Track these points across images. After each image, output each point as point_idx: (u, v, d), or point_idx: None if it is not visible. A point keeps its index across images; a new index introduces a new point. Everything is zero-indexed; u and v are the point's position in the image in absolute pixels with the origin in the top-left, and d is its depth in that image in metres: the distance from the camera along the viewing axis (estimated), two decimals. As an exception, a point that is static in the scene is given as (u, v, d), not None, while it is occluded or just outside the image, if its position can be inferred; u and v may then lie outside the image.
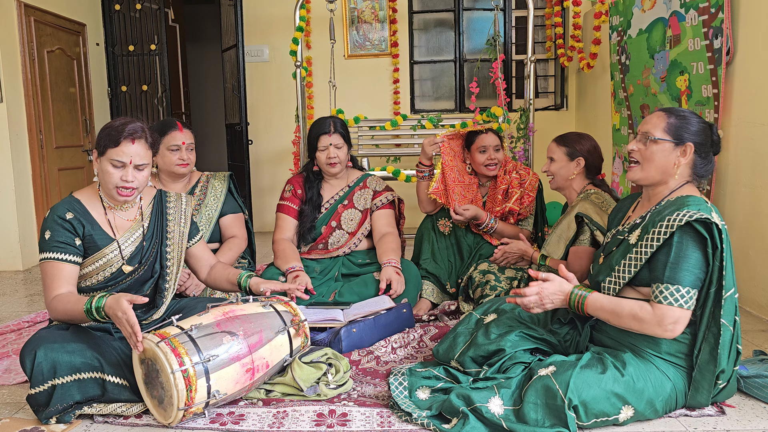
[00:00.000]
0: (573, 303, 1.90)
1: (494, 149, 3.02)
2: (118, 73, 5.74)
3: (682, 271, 1.73)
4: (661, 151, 1.86)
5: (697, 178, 1.90)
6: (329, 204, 3.01)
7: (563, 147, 2.58)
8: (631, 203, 2.09)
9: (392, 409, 1.93)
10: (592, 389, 1.73)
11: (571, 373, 1.75)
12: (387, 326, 2.52)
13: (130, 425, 1.89)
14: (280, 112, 5.80)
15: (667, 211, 1.79)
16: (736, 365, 1.86)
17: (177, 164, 2.75)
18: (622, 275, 1.86)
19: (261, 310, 2.02)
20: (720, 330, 1.76)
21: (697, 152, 1.86)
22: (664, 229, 1.76)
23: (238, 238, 2.88)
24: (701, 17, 3.08)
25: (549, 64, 5.95)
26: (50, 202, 4.70)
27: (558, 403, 1.70)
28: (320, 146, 2.92)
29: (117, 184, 2.02)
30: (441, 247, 3.05)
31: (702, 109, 3.15)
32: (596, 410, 1.73)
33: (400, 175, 4.42)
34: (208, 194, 2.87)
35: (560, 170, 2.59)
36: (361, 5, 5.73)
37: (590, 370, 1.77)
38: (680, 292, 1.73)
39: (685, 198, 1.81)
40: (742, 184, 2.99)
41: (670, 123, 1.86)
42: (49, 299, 1.98)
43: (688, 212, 1.73)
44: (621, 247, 1.92)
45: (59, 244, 2.00)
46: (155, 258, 2.17)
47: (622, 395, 1.75)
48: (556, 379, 1.74)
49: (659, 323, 1.74)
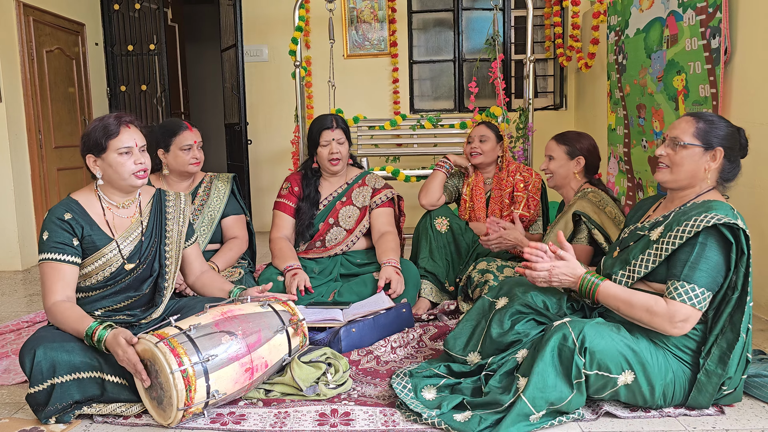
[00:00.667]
0: (584, 288, 1.91)
1: (479, 139, 3.09)
2: (117, 73, 5.74)
3: (700, 271, 1.74)
4: (691, 156, 1.86)
5: (723, 183, 1.90)
6: (327, 201, 3.01)
7: (563, 146, 2.58)
8: (652, 203, 2.09)
9: (399, 409, 1.93)
10: (604, 340, 1.76)
11: (586, 322, 1.79)
12: (386, 326, 2.52)
13: (130, 425, 1.89)
14: (280, 111, 5.80)
15: (694, 212, 1.79)
16: (744, 374, 1.85)
17: (191, 163, 2.78)
18: (638, 270, 1.86)
19: (259, 310, 2.02)
20: (736, 336, 1.76)
21: (726, 157, 1.86)
22: (690, 227, 1.76)
23: (239, 239, 2.89)
24: (699, 17, 3.08)
25: (548, 63, 5.96)
26: (49, 201, 4.70)
27: (569, 345, 1.74)
28: (322, 141, 2.91)
29: (132, 170, 2.05)
30: (439, 245, 3.05)
31: (699, 109, 3.15)
32: (601, 362, 1.75)
33: (399, 175, 4.42)
34: (212, 195, 2.89)
35: (559, 169, 2.59)
36: (360, 5, 5.73)
37: (605, 326, 1.81)
38: (695, 291, 1.74)
39: (712, 202, 1.81)
40: (742, 184, 2.97)
41: (699, 128, 1.86)
42: (48, 303, 1.98)
43: (716, 215, 1.73)
44: (640, 243, 1.91)
45: (57, 245, 2.00)
46: (154, 256, 2.17)
47: (629, 358, 1.77)
48: (570, 324, 1.79)
49: (670, 319, 1.75)
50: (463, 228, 3.08)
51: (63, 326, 1.95)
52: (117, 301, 2.12)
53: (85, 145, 2.05)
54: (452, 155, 3.19)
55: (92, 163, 2.06)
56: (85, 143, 2.05)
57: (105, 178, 2.08)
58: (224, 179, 2.96)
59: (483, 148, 3.08)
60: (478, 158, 3.10)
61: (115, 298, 2.12)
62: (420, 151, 4.85)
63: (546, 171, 2.64)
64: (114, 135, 2.02)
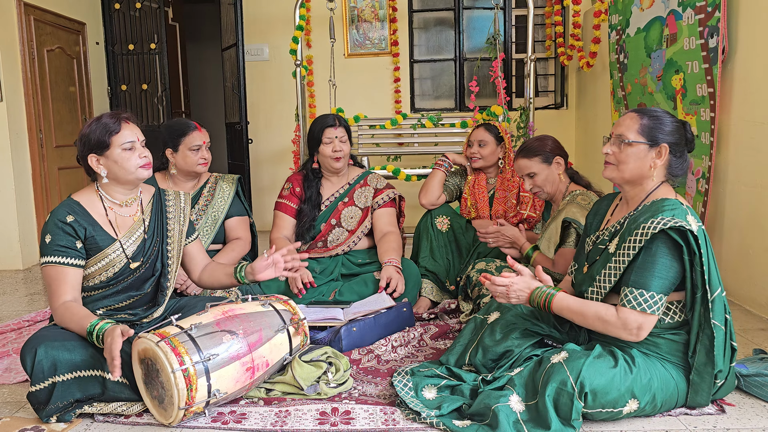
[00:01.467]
0: (538, 300, 1.90)
1: (478, 144, 3.07)
2: (118, 72, 5.74)
3: (649, 276, 1.73)
4: (636, 153, 1.85)
5: (673, 178, 1.88)
6: (329, 201, 3.01)
7: (535, 157, 2.52)
8: (608, 205, 2.07)
9: (399, 407, 1.93)
10: (603, 378, 1.73)
11: (583, 361, 1.75)
12: (387, 325, 2.52)
13: (131, 424, 1.89)
14: (280, 111, 5.80)
15: (642, 218, 1.78)
16: (732, 362, 1.86)
17: (199, 164, 2.79)
18: (604, 285, 1.86)
19: (260, 309, 2.02)
20: (713, 332, 1.75)
21: (672, 152, 1.84)
22: (639, 237, 1.75)
23: (242, 241, 2.89)
24: (698, 16, 3.08)
25: (549, 62, 5.95)
26: (50, 201, 4.71)
27: (568, 389, 1.71)
28: (325, 139, 2.92)
29: (138, 163, 2.07)
30: (440, 244, 3.05)
31: (697, 108, 3.15)
32: (604, 400, 1.73)
33: (400, 174, 4.42)
34: (216, 195, 2.89)
35: (546, 180, 2.53)
36: (361, 4, 5.73)
37: (602, 361, 1.78)
38: (644, 296, 1.73)
39: (661, 203, 1.79)
40: (743, 183, 2.99)
41: (644, 124, 1.84)
42: (56, 304, 1.98)
43: (663, 219, 1.72)
44: (602, 257, 1.91)
45: (60, 248, 2.00)
46: (157, 256, 2.18)
47: (632, 389, 1.76)
48: (567, 366, 1.75)
49: (624, 326, 1.75)
50: (464, 227, 3.08)
51: (68, 326, 1.95)
52: (119, 301, 2.13)
53: (86, 145, 2.05)
54: (451, 153, 3.19)
55: (95, 162, 2.06)
56: (85, 144, 2.05)
57: (110, 175, 2.08)
58: (229, 180, 2.96)
59: (482, 153, 3.07)
60: (478, 162, 3.10)
61: (117, 298, 2.12)
62: (421, 150, 4.85)
63: (532, 190, 2.59)
64: (116, 131, 2.03)
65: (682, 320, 1.82)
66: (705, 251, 1.73)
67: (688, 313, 1.80)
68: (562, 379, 1.73)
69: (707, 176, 3.10)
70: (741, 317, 2.84)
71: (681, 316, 1.82)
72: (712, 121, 3.05)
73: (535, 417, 1.72)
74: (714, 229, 3.16)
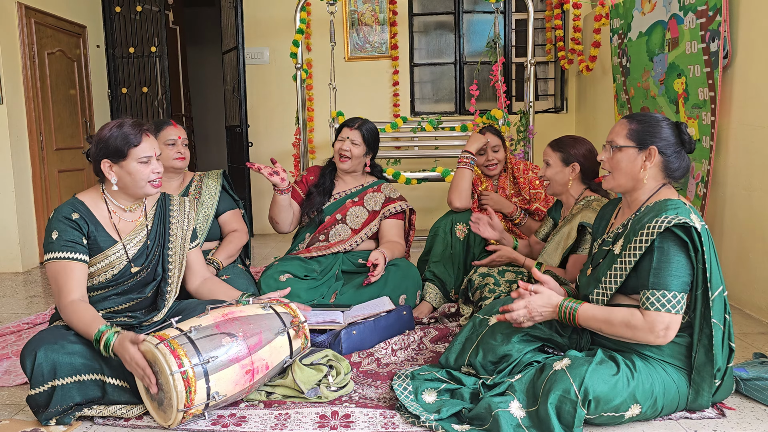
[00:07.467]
0: (563, 315, 1.90)
1: (492, 150, 3.06)
2: (119, 75, 5.75)
3: (667, 276, 1.73)
4: (626, 157, 1.88)
5: (673, 180, 1.90)
6: (339, 195, 3.06)
7: (558, 152, 2.54)
8: (612, 209, 2.09)
9: (398, 410, 1.93)
10: (606, 385, 1.73)
11: (586, 368, 1.75)
12: (387, 328, 2.52)
13: (131, 427, 1.89)
14: (281, 114, 5.80)
15: (646, 218, 1.79)
16: (729, 362, 1.86)
17: (175, 158, 2.80)
18: (610, 286, 1.86)
19: (260, 312, 2.02)
20: (712, 330, 1.76)
21: (664, 154, 1.86)
22: (645, 236, 1.76)
23: (240, 232, 2.92)
24: (699, 20, 3.09)
25: (549, 66, 5.96)
26: (50, 203, 4.71)
27: (571, 397, 1.70)
28: (340, 137, 3.01)
29: (149, 178, 2.07)
30: (455, 252, 3.01)
31: (699, 112, 3.16)
32: (607, 407, 1.73)
33: (400, 178, 4.43)
34: (203, 193, 2.90)
35: (556, 176, 2.55)
36: (362, 8, 5.74)
37: (604, 368, 1.77)
38: (666, 297, 1.73)
39: (663, 203, 1.81)
40: (742, 187, 2.99)
41: (632, 129, 1.88)
42: (64, 302, 1.96)
43: (667, 217, 1.73)
44: (607, 259, 1.91)
45: (68, 243, 1.99)
46: (158, 260, 2.17)
47: (634, 394, 1.76)
48: (570, 373, 1.74)
49: (651, 330, 1.74)
50: (478, 238, 3.03)
51: (74, 326, 1.93)
52: (119, 303, 2.13)
53: (102, 150, 2.03)
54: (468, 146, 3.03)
55: (107, 168, 2.05)
56: (102, 149, 2.03)
57: (119, 184, 2.08)
58: (214, 176, 2.98)
59: (498, 158, 3.08)
60: (495, 169, 3.08)
61: (117, 300, 2.12)
62: (421, 153, 4.86)
63: (543, 178, 2.61)
64: (136, 144, 2.03)
65: (685, 322, 1.82)
66: (708, 248, 1.74)
67: (691, 315, 1.80)
68: (565, 387, 1.73)
69: (706, 180, 3.10)
70: (741, 321, 2.84)
71: (684, 318, 1.82)
72: (712, 124, 3.06)
73: (536, 424, 1.72)
74: (713, 232, 3.16)
